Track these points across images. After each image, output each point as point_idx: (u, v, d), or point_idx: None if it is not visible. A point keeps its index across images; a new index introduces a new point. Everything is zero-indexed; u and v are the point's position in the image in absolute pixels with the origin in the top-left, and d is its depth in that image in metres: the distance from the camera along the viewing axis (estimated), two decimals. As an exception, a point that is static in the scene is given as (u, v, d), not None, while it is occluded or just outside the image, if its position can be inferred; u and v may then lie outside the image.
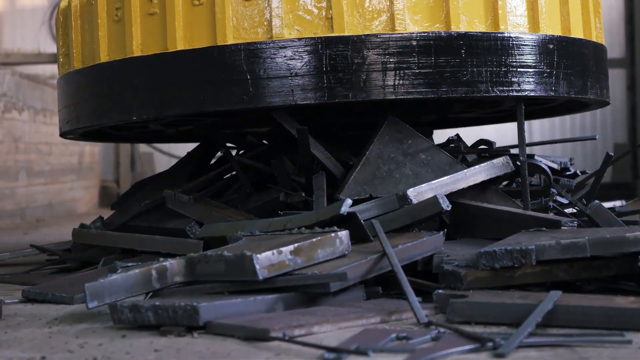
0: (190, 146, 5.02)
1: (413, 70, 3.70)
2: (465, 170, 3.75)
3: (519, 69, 3.84)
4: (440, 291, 2.85)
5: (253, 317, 2.63)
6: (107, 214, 4.76)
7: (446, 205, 3.36)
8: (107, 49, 4.07)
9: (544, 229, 3.30)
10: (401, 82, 3.69)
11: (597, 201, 3.55)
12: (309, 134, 3.82)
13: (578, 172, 5.06)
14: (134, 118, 3.96)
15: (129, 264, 2.95)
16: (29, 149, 9.10)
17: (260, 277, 2.74)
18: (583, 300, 2.63)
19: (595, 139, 4.85)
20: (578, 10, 4.19)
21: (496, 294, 2.80)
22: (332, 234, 3.02)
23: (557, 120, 13.73)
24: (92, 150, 11.94)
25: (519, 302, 2.62)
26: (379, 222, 3.16)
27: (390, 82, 3.68)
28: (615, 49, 13.32)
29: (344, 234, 3.05)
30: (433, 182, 3.64)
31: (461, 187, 3.69)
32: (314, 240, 2.95)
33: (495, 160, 3.79)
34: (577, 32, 4.14)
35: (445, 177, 3.69)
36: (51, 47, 11.86)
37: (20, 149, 8.88)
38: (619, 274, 2.99)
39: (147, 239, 3.96)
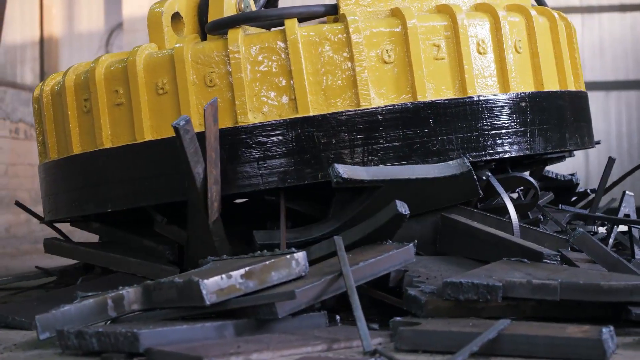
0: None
1: (381, 145, 3.65)
2: (414, 166, 3.67)
3: (490, 132, 3.79)
4: (397, 318, 2.83)
5: (194, 344, 2.64)
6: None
7: (404, 210, 3.33)
8: (79, 140, 4.07)
9: (525, 260, 3.25)
10: (370, 157, 3.65)
11: (581, 230, 3.49)
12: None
13: (588, 190, 4.98)
14: (109, 209, 3.95)
15: (89, 294, 2.98)
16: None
17: (208, 303, 2.75)
18: (530, 328, 2.58)
19: None
20: (551, 61, 4.12)
21: (450, 322, 2.77)
22: (288, 256, 3.01)
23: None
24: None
25: (465, 330, 2.60)
26: (340, 237, 3.12)
27: (359, 159, 3.64)
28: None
29: (300, 255, 3.04)
30: (374, 167, 3.61)
31: (405, 177, 3.57)
32: (267, 262, 2.95)
33: (451, 162, 3.71)
34: (551, 85, 4.07)
35: (389, 167, 3.63)
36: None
37: None
38: (592, 317, 2.91)
39: (117, 259, 3.98)
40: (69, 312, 2.80)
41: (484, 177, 3.78)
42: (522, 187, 4.39)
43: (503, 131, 3.82)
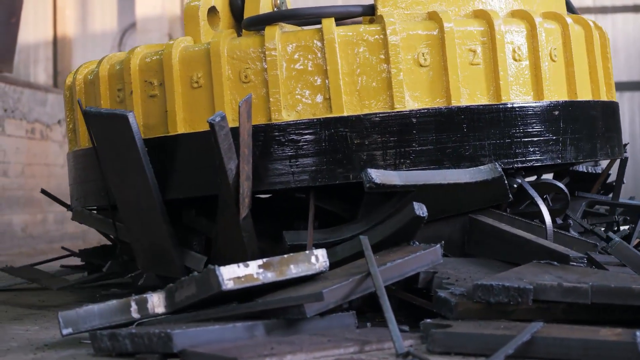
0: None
1: (414, 148, 3.66)
2: (446, 171, 3.67)
3: (523, 139, 3.79)
4: (427, 320, 2.83)
5: (228, 344, 2.65)
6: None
7: (422, 212, 3.34)
8: (111, 130, 4.07)
9: (555, 262, 3.25)
10: (402, 160, 3.65)
11: (618, 239, 3.48)
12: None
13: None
14: (139, 200, 3.96)
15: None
16: (90, 172, 9.20)
17: (224, 287, 2.79)
18: (563, 331, 2.58)
19: None
20: (585, 70, 4.11)
21: (481, 324, 2.77)
22: (308, 251, 3.05)
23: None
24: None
25: (497, 333, 2.60)
26: (367, 237, 3.13)
27: (391, 162, 3.64)
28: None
29: (320, 251, 3.06)
30: (406, 171, 3.62)
31: (437, 182, 3.57)
32: (285, 256, 2.99)
33: (482, 167, 3.70)
34: (584, 94, 4.06)
35: (421, 171, 3.63)
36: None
37: None
38: (622, 320, 2.90)
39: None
40: (92, 310, 2.84)
41: (515, 185, 3.78)
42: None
43: (535, 139, 3.81)
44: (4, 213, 7.48)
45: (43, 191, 5.00)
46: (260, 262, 2.90)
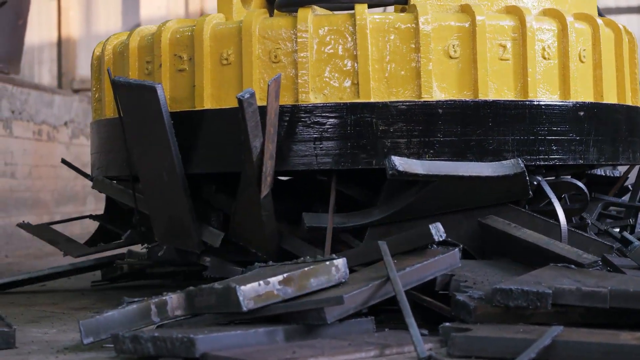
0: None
1: (438, 139, 3.67)
2: (469, 163, 3.67)
3: (547, 137, 3.80)
4: (446, 324, 2.85)
5: (250, 349, 2.66)
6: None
7: (439, 236, 3.29)
8: (137, 101, 4.09)
9: (572, 266, 3.26)
10: (426, 150, 3.67)
11: (638, 242, 3.48)
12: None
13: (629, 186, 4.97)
14: (161, 172, 3.98)
15: (135, 300, 3.01)
16: (97, 174, 9.20)
17: (245, 309, 2.78)
18: (583, 335, 2.59)
19: None
20: (612, 74, 4.12)
21: (500, 328, 2.79)
22: (327, 262, 3.03)
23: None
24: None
25: (517, 337, 2.61)
26: (385, 242, 3.12)
27: (415, 151, 3.66)
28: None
29: (340, 261, 3.05)
30: (429, 161, 3.61)
31: (459, 174, 3.58)
32: (305, 269, 2.97)
33: (505, 162, 3.70)
34: (610, 97, 4.07)
35: (444, 162, 3.63)
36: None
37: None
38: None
39: None
40: (113, 317, 2.83)
41: (535, 182, 3.79)
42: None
43: (559, 138, 3.82)
44: (11, 215, 7.49)
45: (64, 161, 5.03)
46: (280, 277, 2.89)
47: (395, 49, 3.71)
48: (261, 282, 2.84)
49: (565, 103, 3.85)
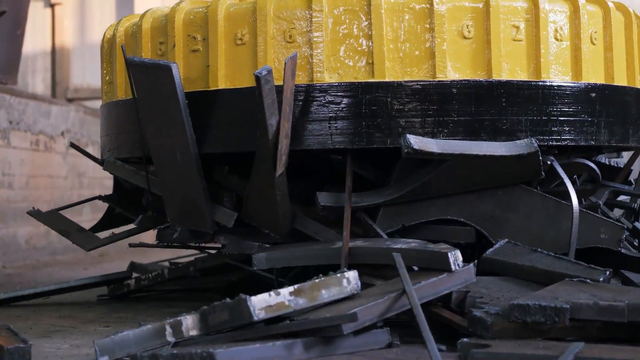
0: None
1: (452, 118, 3.69)
2: (482, 142, 3.68)
3: (559, 118, 3.82)
4: (464, 340, 2.84)
5: None
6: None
7: (457, 265, 3.17)
8: (150, 82, 4.10)
9: (588, 280, 3.24)
10: (440, 129, 3.69)
11: None
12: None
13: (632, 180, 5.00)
14: (174, 152, 3.99)
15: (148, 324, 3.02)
16: (92, 184, 9.09)
17: (256, 318, 2.79)
18: (604, 351, 2.60)
19: None
20: (622, 57, 4.15)
21: (520, 344, 2.79)
22: (339, 274, 3.05)
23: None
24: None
25: (539, 353, 2.61)
26: (400, 254, 3.10)
27: (429, 130, 3.68)
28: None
29: (351, 273, 3.06)
30: (443, 140, 3.62)
31: (473, 153, 3.60)
32: (316, 280, 2.99)
33: (518, 141, 3.72)
34: (620, 80, 4.10)
35: (458, 141, 3.65)
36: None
37: (85, 184, 8.89)
38: None
39: None
40: (128, 337, 2.82)
41: (548, 162, 3.81)
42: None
43: (571, 119, 3.85)
44: (8, 225, 7.46)
45: (72, 145, 5.03)
46: (291, 288, 2.91)
47: (409, 28, 3.73)
48: (272, 292, 2.86)
49: (577, 84, 3.88)
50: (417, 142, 3.55)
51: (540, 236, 3.79)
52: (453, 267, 3.17)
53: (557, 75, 3.86)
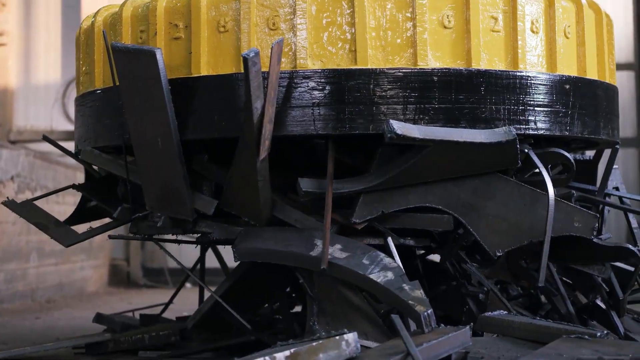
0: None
1: (433, 106, 3.76)
2: (463, 129, 3.75)
3: (535, 108, 3.91)
4: None
5: None
6: (117, 292, 4.69)
7: (429, 327, 3.27)
8: (129, 70, 4.10)
9: (586, 336, 3.26)
10: (421, 116, 3.75)
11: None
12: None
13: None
14: (154, 139, 3.99)
15: None
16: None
17: None
18: None
19: None
20: (594, 52, 4.27)
21: None
22: (337, 337, 2.94)
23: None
24: (103, 228, 11.55)
25: None
26: (398, 316, 3.03)
27: (411, 117, 3.74)
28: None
29: (350, 336, 2.97)
30: (425, 126, 3.69)
31: (454, 140, 3.66)
32: (313, 344, 2.86)
33: (497, 129, 3.80)
34: (592, 73, 4.21)
35: (439, 127, 3.71)
36: (64, 125, 11.70)
37: (32, 230, 8.57)
38: None
39: None
40: None
41: (526, 150, 3.90)
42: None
43: (547, 109, 3.94)
44: None
45: (45, 137, 4.99)
46: (287, 352, 2.78)
47: (391, 17, 3.80)
48: (267, 357, 2.74)
49: (553, 75, 3.98)
50: (399, 127, 3.61)
51: (517, 224, 3.87)
52: (426, 330, 3.26)
53: (534, 67, 3.96)
